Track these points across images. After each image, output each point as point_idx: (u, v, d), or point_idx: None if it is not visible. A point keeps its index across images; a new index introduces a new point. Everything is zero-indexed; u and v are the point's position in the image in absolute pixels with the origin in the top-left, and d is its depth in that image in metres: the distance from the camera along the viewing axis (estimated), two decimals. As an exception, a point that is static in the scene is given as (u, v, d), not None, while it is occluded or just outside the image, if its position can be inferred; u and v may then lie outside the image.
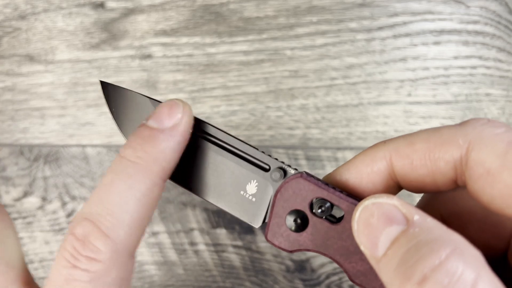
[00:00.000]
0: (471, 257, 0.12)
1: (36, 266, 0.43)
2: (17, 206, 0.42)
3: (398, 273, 0.13)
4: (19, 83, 0.41)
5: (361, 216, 0.14)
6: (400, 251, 0.13)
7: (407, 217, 0.14)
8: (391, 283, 0.13)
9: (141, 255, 0.42)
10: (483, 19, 0.37)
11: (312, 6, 0.37)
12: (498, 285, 0.12)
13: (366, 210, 0.14)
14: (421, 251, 0.13)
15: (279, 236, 0.16)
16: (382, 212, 0.14)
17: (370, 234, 0.14)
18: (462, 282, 0.12)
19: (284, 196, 0.16)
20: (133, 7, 0.39)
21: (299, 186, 0.16)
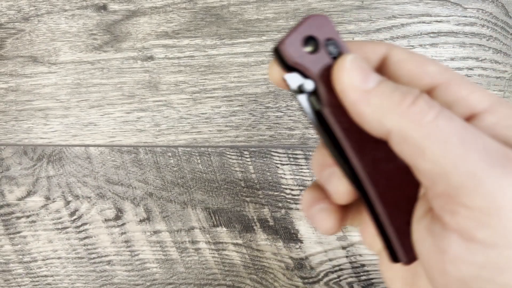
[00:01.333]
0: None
1: (40, 264, 0.44)
2: (21, 205, 0.43)
3: (397, 93, 0.17)
4: (23, 84, 0.41)
5: (353, 61, 0.18)
6: (391, 84, 0.17)
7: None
8: (386, 100, 0.17)
9: (142, 253, 0.42)
10: (480, 21, 0.37)
11: (311, 9, 0.37)
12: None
13: (356, 57, 0.18)
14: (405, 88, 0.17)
15: (291, 48, 0.19)
16: (365, 62, 0.18)
17: (363, 71, 0.18)
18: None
19: (313, 22, 0.19)
20: (135, 9, 0.39)
21: (324, 23, 0.19)
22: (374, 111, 0.17)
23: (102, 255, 0.43)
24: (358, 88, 0.18)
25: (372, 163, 0.20)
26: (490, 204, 0.15)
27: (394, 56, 0.20)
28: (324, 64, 0.19)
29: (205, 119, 0.39)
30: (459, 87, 0.19)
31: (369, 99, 0.17)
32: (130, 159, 0.41)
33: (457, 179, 0.15)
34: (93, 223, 0.42)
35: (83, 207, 0.42)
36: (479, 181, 0.15)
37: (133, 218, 0.42)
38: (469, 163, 0.15)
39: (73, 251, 0.43)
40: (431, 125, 0.16)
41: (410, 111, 0.16)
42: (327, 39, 0.19)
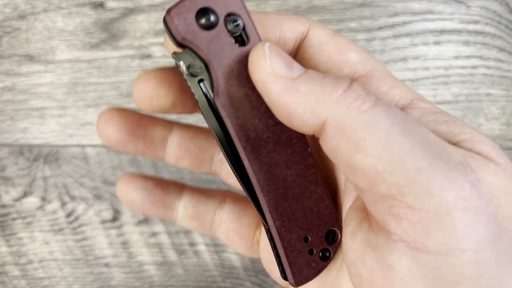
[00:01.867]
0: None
1: (36, 266, 0.43)
2: (17, 206, 0.42)
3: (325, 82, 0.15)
4: (19, 83, 0.41)
5: (272, 49, 0.15)
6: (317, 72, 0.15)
7: None
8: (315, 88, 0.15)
9: (141, 255, 0.42)
10: (484, 19, 0.37)
11: (312, 6, 0.37)
12: None
13: (272, 44, 0.16)
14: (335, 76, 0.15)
15: (181, 19, 0.15)
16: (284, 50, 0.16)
17: (286, 57, 0.15)
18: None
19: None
20: (133, 7, 0.39)
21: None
22: (305, 100, 0.15)
23: (99, 257, 0.42)
24: (283, 77, 0.15)
25: (268, 167, 0.17)
26: (439, 203, 0.13)
27: (313, 38, 0.18)
28: (222, 44, 0.16)
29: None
30: (380, 81, 0.17)
31: (297, 87, 0.15)
32: (128, 159, 0.40)
33: (403, 176, 0.13)
34: (90, 225, 0.42)
35: (80, 208, 0.42)
36: (427, 178, 0.13)
37: (131, 219, 0.41)
38: (415, 157, 0.13)
39: (70, 252, 0.43)
40: (370, 113, 0.14)
41: (346, 97, 0.14)
42: (228, 14, 0.16)
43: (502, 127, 0.38)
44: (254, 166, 0.17)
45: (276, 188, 0.17)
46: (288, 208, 0.17)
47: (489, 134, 0.38)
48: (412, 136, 0.14)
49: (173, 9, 0.15)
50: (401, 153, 0.13)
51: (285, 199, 0.17)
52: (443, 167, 0.13)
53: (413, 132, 0.14)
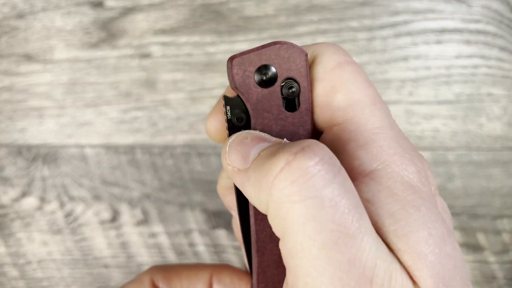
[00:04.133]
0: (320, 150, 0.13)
1: (35, 267, 0.43)
2: (15, 206, 0.42)
3: (264, 167, 0.14)
4: (17, 83, 0.41)
5: (237, 138, 0.15)
6: (264, 155, 0.14)
7: (275, 140, 0.15)
8: (259, 181, 0.14)
9: (140, 255, 0.42)
10: (485, 18, 0.36)
11: (312, 5, 0.37)
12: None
13: (241, 134, 0.15)
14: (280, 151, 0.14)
15: (241, 69, 0.16)
16: (255, 135, 0.15)
17: (242, 149, 0.15)
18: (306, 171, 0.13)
19: (279, 52, 0.16)
20: (132, 6, 0.38)
21: (296, 59, 0.16)
22: (253, 188, 0.14)
23: (98, 257, 0.42)
24: (239, 170, 0.15)
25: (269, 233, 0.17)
26: None
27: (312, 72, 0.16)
28: (271, 105, 0.16)
29: (204, 118, 0.39)
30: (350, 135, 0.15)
31: (248, 177, 0.14)
32: (127, 159, 0.40)
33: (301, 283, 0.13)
34: (89, 225, 0.42)
35: (78, 209, 0.41)
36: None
37: (130, 219, 0.41)
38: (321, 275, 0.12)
39: (69, 253, 0.42)
40: (294, 210, 0.13)
41: (276, 185, 0.13)
42: (288, 78, 0.16)
43: (503, 127, 0.37)
44: (257, 227, 0.17)
45: (271, 255, 0.17)
46: (275, 276, 0.17)
47: (491, 134, 0.38)
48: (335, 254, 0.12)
49: (236, 58, 0.16)
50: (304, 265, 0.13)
51: (276, 267, 0.17)
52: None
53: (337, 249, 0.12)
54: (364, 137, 0.15)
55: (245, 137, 0.15)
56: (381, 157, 0.14)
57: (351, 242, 0.12)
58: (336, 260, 0.12)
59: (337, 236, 0.12)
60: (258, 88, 0.16)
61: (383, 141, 0.15)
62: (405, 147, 0.15)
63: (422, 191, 0.14)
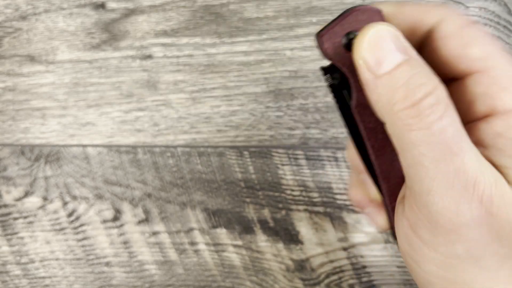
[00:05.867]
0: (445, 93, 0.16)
1: (37, 266, 0.43)
2: (18, 205, 0.42)
3: (402, 91, 0.16)
4: (20, 83, 0.41)
5: (373, 36, 0.17)
6: (405, 74, 0.16)
7: (408, 51, 0.17)
8: (391, 94, 0.16)
9: (141, 254, 0.42)
10: (482, 19, 0.37)
11: (312, 7, 0.37)
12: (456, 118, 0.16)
13: (378, 32, 0.17)
14: (421, 80, 0.16)
15: (330, 42, 0.18)
16: (392, 37, 0.17)
17: (378, 52, 0.16)
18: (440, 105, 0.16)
19: (357, 17, 0.18)
20: (133, 7, 0.39)
21: (373, 19, 0.18)
22: (377, 100, 0.17)
23: (100, 256, 0.42)
24: (370, 70, 0.17)
25: (390, 162, 0.20)
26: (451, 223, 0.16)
27: (441, 31, 0.18)
28: None
29: (204, 118, 0.39)
30: (491, 81, 0.17)
31: (376, 87, 0.17)
32: (129, 159, 0.41)
33: (418, 189, 0.16)
34: (91, 224, 0.42)
35: (81, 208, 0.42)
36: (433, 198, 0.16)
37: (132, 219, 0.41)
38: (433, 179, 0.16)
39: (71, 252, 0.43)
40: (419, 133, 0.16)
41: (399, 115, 0.16)
42: None
43: (500, 127, 0.38)
44: (378, 161, 0.20)
45: (395, 177, 0.20)
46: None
47: (488, 134, 0.38)
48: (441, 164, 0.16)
49: (324, 35, 0.18)
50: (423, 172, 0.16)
51: (401, 188, 0.20)
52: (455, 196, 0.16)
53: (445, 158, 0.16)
54: (506, 81, 0.17)
55: (382, 36, 0.17)
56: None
57: (455, 158, 0.16)
58: (444, 170, 0.16)
59: (444, 153, 0.16)
60: (348, 53, 0.18)
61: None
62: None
63: None
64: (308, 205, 0.39)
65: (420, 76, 0.16)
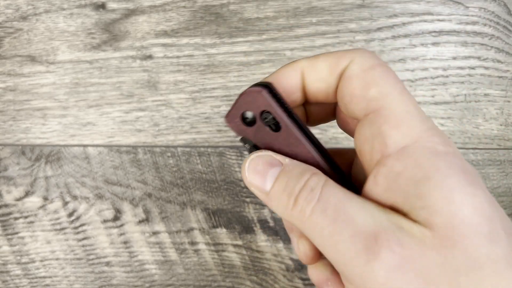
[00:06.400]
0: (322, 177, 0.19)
1: (38, 266, 0.43)
2: (19, 205, 0.42)
3: (284, 195, 0.19)
4: (21, 84, 0.41)
5: (250, 166, 0.20)
6: (282, 183, 0.19)
7: (281, 161, 0.20)
8: (280, 204, 0.19)
9: (141, 254, 0.42)
10: (482, 19, 0.37)
11: (311, 7, 0.37)
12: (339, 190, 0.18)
13: (253, 161, 0.20)
14: (293, 181, 0.19)
15: (233, 123, 0.21)
16: (264, 161, 0.20)
17: (259, 176, 0.20)
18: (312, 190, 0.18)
19: (245, 99, 0.21)
20: (134, 8, 0.39)
21: (257, 98, 0.21)
22: (277, 212, 0.19)
23: (100, 256, 0.43)
24: (261, 191, 0.20)
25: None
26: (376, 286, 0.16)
27: (348, 72, 0.19)
28: (263, 133, 0.21)
29: (204, 118, 0.39)
30: (385, 119, 0.18)
31: (270, 201, 0.19)
32: (129, 159, 0.41)
33: (337, 267, 0.17)
34: (91, 224, 0.42)
35: (81, 208, 0.42)
36: (350, 271, 0.17)
37: (132, 218, 0.41)
38: (339, 255, 0.17)
39: (72, 252, 0.43)
40: (309, 221, 0.18)
41: (293, 212, 0.18)
42: (262, 112, 0.21)
43: (500, 127, 0.38)
44: None
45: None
46: None
47: (488, 134, 0.38)
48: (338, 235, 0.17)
49: (226, 117, 0.21)
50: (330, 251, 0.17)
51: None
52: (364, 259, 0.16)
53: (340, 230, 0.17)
54: (396, 120, 0.18)
55: (257, 163, 0.20)
56: (410, 135, 0.17)
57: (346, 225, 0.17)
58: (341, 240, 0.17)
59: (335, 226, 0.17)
60: (249, 128, 0.21)
61: (411, 122, 0.17)
62: (430, 126, 0.18)
63: (448, 153, 0.17)
64: (308, 205, 0.39)
65: (295, 175, 0.19)
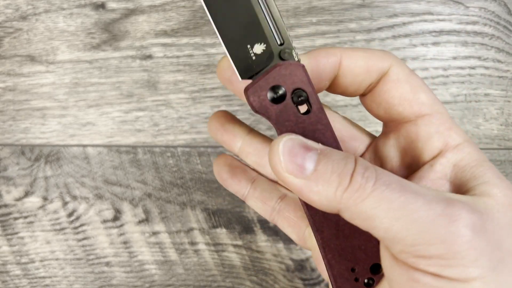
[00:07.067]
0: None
1: (37, 266, 0.43)
2: (18, 205, 0.42)
3: (334, 175, 0.17)
4: (20, 84, 0.41)
5: (285, 148, 0.18)
6: (328, 164, 0.18)
7: (313, 146, 0.18)
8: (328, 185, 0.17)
9: (141, 254, 0.42)
10: (482, 19, 0.37)
11: (311, 7, 0.37)
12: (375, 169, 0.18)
13: (287, 143, 0.18)
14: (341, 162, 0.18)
15: (256, 96, 0.19)
16: (299, 143, 0.18)
17: (296, 159, 0.18)
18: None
19: (280, 72, 0.19)
20: (133, 7, 0.39)
21: (296, 73, 0.19)
22: (319, 198, 0.18)
23: (100, 256, 0.43)
24: (299, 176, 0.18)
25: (322, 212, 0.20)
26: (446, 251, 0.16)
27: (392, 75, 0.21)
28: (288, 114, 0.19)
29: (204, 118, 0.39)
30: (440, 121, 0.21)
31: (310, 188, 0.18)
32: (129, 159, 0.41)
33: (411, 240, 0.17)
34: (91, 224, 0.42)
35: (81, 208, 0.42)
36: (431, 234, 0.16)
37: (132, 219, 0.41)
38: (418, 223, 0.17)
39: (71, 252, 0.43)
40: (371, 198, 0.17)
41: (347, 192, 0.17)
42: (295, 89, 0.19)
43: (500, 127, 0.38)
44: (311, 211, 0.20)
45: (329, 229, 0.20)
46: (338, 245, 0.21)
47: (488, 134, 0.38)
48: (411, 204, 0.17)
49: (249, 89, 0.19)
50: (405, 223, 0.17)
51: (337, 238, 0.21)
52: (445, 220, 0.16)
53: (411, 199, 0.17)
54: (450, 122, 0.21)
55: (292, 145, 0.18)
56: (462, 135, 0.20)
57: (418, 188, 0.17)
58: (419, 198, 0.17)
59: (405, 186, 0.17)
60: (274, 106, 0.19)
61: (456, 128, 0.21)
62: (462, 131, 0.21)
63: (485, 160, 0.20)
64: (308, 205, 0.39)
65: (338, 159, 0.18)
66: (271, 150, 0.18)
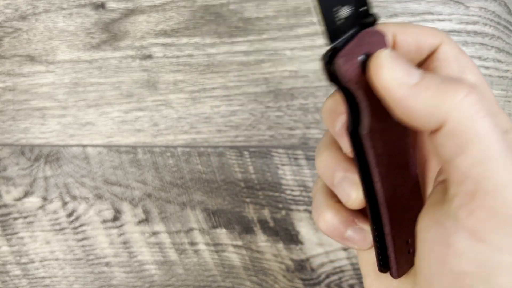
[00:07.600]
0: None
1: (37, 266, 0.43)
2: (18, 205, 0.42)
3: (446, 88, 0.16)
4: (20, 83, 0.41)
5: (391, 56, 0.17)
6: (435, 75, 0.17)
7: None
8: (440, 99, 0.16)
9: (141, 254, 0.42)
10: (482, 19, 0.37)
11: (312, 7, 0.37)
12: None
13: (392, 52, 0.17)
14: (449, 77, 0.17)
15: (348, 64, 0.17)
16: (402, 56, 0.17)
17: (403, 67, 0.17)
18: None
19: (370, 38, 0.18)
20: (133, 7, 0.39)
21: (381, 40, 0.18)
22: (427, 104, 0.16)
23: (100, 256, 0.43)
24: (404, 83, 0.17)
25: (392, 188, 0.20)
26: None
27: (441, 53, 0.20)
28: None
29: (204, 118, 0.39)
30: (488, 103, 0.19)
31: (419, 93, 0.16)
32: (129, 159, 0.41)
33: (492, 185, 0.15)
34: (91, 224, 0.42)
35: (80, 208, 0.42)
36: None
37: (132, 219, 0.41)
38: (509, 173, 0.15)
39: (71, 252, 0.43)
40: (482, 122, 0.16)
41: (464, 103, 0.16)
42: None
43: (500, 127, 0.38)
44: (383, 187, 0.19)
45: (396, 204, 0.20)
46: (399, 219, 0.20)
47: (488, 134, 0.38)
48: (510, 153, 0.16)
49: (341, 57, 0.17)
50: (498, 167, 0.15)
51: (399, 212, 0.20)
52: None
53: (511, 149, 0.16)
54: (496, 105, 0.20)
55: (398, 56, 0.17)
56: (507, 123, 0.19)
57: None
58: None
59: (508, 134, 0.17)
60: (363, 76, 0.17)
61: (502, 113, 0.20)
62: None
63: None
64: (308, 205, 0.39)
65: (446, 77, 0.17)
66: (374, 60, 0.17)
